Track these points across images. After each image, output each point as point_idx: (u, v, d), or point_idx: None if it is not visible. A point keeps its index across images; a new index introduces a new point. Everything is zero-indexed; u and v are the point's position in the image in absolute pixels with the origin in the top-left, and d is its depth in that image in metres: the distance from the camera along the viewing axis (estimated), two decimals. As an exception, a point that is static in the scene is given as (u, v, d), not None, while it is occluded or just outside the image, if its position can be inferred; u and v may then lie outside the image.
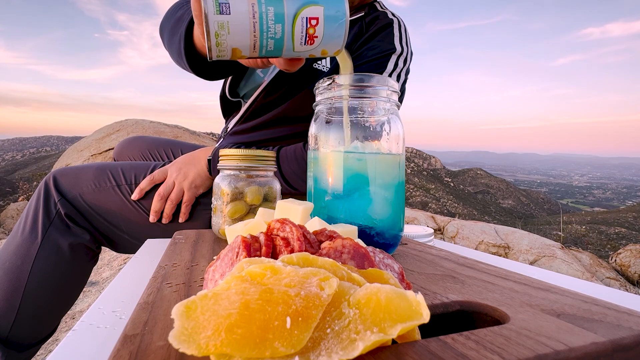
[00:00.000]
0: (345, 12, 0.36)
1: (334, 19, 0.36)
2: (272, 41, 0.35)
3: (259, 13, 0.33)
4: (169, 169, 0.74)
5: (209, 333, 0.15)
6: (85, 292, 1.57)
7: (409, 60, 0.78)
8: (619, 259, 3.11)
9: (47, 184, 0.70)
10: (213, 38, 0.34)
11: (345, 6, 0.36)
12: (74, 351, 0.26)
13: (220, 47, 0.35)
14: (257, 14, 0.33)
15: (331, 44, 0.37)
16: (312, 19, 0.35)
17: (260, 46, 0.35)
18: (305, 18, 0.35)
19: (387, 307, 0.17)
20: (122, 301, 0.35)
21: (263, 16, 0.33)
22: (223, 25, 0.33)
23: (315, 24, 0.35)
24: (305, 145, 0.72)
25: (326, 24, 0.36)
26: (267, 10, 0.33)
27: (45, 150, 71.34)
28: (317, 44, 0.37)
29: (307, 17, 0.35)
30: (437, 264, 0.37)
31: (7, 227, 3.88)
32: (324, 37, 0.36)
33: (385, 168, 0.42)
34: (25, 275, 0.65)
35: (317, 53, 0.38)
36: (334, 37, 0.37)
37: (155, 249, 0.55)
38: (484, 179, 64.66)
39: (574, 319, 0.22)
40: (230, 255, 0.25)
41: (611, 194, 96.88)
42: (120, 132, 3.50)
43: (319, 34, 0.36)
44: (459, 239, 3.10)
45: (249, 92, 0.89)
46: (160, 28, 0.75)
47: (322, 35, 0.36)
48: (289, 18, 0.34)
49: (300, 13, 0.34)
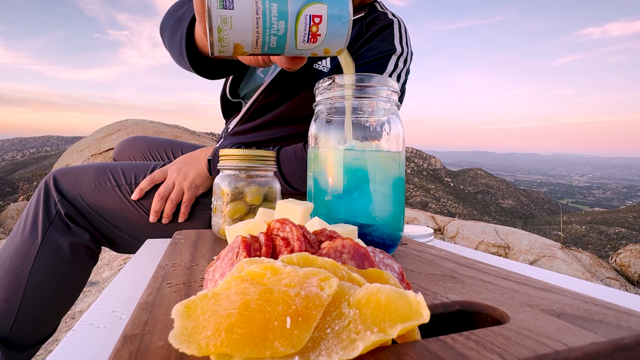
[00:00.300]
0: (349, 11, 0.36)
1: (337, 17, 0.36)
2: (274, 38, 0.35)
3: (263, 9, 0.33)
4: (169, 169, 0.74)
5: (209, 333, 0.15)
6: (85, 292, 1.57)
7: (409, 60, 0.78)
8: (619, 259, 3.11)
9: (47, 184, 0.70)
10: (215, 33, 0.34)
11: (349, 5, 0.36)
12: (74, 351, 0.26)
13: (223, 42, 0.34)
14: (261, 10, 0.33)
15: (334, 42, 0.37)
16: (316, 17, 0.35)
17: (262, 43, 0.35)
18: (309, 16, 0.35)
19: (387, 307, 0.17)
20: (122, 301, 0.35)
21: (266, 12, 0.33)
22: (226, 20, 0.33)
23: (318, 22, 0.35)
24: (305, 146, 0.72)
25: (329, 23, 0.35)
26: (271, 7, 0.33)
27: (45, 150, 71.33)
28: (320, 43, 0.37)
29: (311, 15, 0.35)
30: (437, 264, 0.37)
31: (7, 227, 3.88)
32: (327, 35, 0.36)
33: (385, 165, 0.42)
34: (25, 275, 0.65)
35: (320, 52, 0.38)
36: (337, 35, 0.37)
37: (155, 249, 0.55)
38: (484, 179, 64.66)
39: (574, 319, 0.22)
40: (230, 255, 0.25)
41: (611, 194, 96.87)
42: (120, 132, 3.50)
43: (322, 32, 0.36)
44: (459, 239, 3.10)
45: (249, 93, 0.89)
46: (160, 27, 0.75)
47: (325, 33, 0.36)
48: (293, 15, 0.34)
49: (303, 10, 0.34)
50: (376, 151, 0.42)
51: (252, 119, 0.82)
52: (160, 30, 0.75)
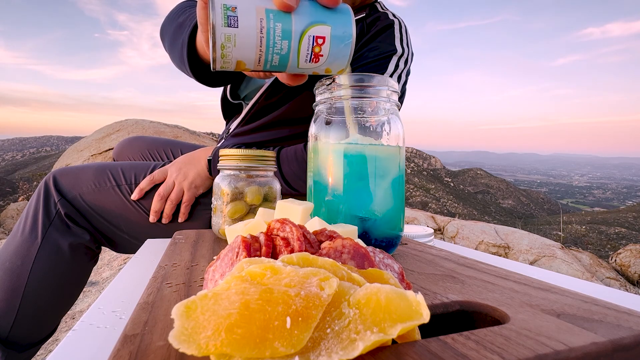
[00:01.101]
0: (352, 34, 0.36)
1: (340, 39, 0.36)
2: (277, 56, 0.35)
3: (267, 28, 0.33)
4: (168, 169, 0.74)
5: (209, 333, 0.15)
6: (85, 292, 1.57)
7: (409, 61, 0.78)
8: (619, 259, 3.11)
9: (47, 184, 0.70)
10: (219, 50, 0.34)
11: (353, 28, 0.36)
12: (74, 351, 0.26)
13: (225, 58, 0.35)
14: (265, 29, 0.33)
15: (336, 63, 0.38)
16: (319, 38, 0.35)
17: (265, 61, 0.35)
18: (312, 36, 0.35)
19: (387, 307, 0.17)
20: (122, 301, 0.35)
21: (270, 32, 0.34)
22: (230, 38, 0.33)
23: (321, 43, 0.35)
24: (305, 146, 0.72)
25: (332, 44, 0.36)
26: (275, 27, 0.34)
27: (45, 150, 71.34)
28: (322, 63, 0.37)
29: (314, 36, 0.35)
30: (437, 264, 0.37)
31: (7, 227, 3.88)
32: (329, 56, 0.37)
33: (385, 158, 0.42)
34: (25, 275, 0.65)
35: (321, 71, 0.38)
36: (339, 57, 0.37)
37: (155, 249, 0.55)
38: (484, 179, 64.66)
39: (574, 319, 0.22)
40: (230, 255, 0.25)
41: (611, 194, 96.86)
42: (120, 132, 3.50)
43: (325, 52, 0.36)
44: (459, 239, 3.10)
45: (250, 94, 0.89)
46: (161, 31, 0.75)
47: (327, 54, 0.36)
48: (296, 35, 0.34)
49: (307, 31, 0.35)
50: (377, 145, 0.42)
51: (253, 120, 0.82)
52: (160, 34, 0.75)
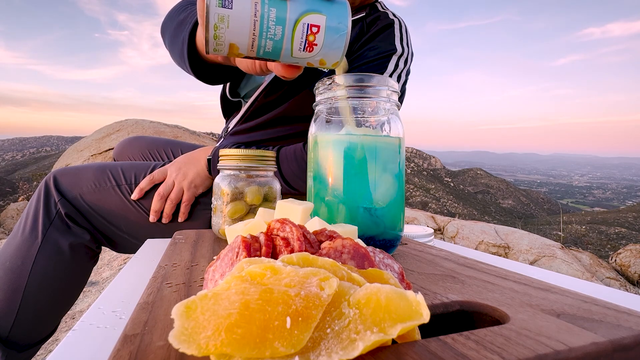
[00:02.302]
0: (347, 25, 0.36)
1: (335, 30, 0.36)
2: (270, 42, 0.35)
3: (261, 12, 0.34)
4: (168, 169, 0.74)
5: (209, 333, 0.15)
6: (85, 292, 1.57)
7: (409, 61, 0.78)
8: (619, 259, 3.11)
9: (47, 184, 0.70)
10: (211, 30, 0.34)
11: (348, 19, 0.36)
12: (74, 351, 0.26)
13: (218, 40, 0.35)
14: (259, 13, 0.33)
15: (330, 54, 0.38)
16: (314, 27, 0.35)
17: (258, 46, 0.35)
18: (307, 24, 0.35)
19: (387, 307, 0.17)
20: (122, 301, 0.35)
21: (264, 16, 0.34)
22: (223, 19, 0.33)
23: (316, 32, 0.35)
24: (305, 146, 0.72)
25: (327, 34, 0.36)
26: (269, 11, 0.34)
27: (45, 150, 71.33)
28: (316, 52, 0.37)
29: (309, 24, 0.35)
30: (437, 264, 0.37)
31: (7, 227, 3.88)
32: (324, 46, 0.37)
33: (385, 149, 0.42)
34: (25, 275, 0.65)
35: (315, 62, 0.38)
36: (334, 47, 0.37)
37: (155, 249, 0.55)
38: (484, 179, 64.66)
39: (574, 319, 0.22)
40: (230, 255, 0.25)
41: (611, 194, 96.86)
42: (120, 132, 3.50)
43: (319, 42, 0.36)
44: (459, 239, 3.10)
45: (249, 92, 0.89)
46: (162, 28, 0.75)
47: (321, 44, 0.36)
48: (290, 22, 0.34)
49: (302, 19, 0.35)
50: (378, 136, 0.42)
51: (252, 118, 0.82)
52: (161, 31, 0.75)
